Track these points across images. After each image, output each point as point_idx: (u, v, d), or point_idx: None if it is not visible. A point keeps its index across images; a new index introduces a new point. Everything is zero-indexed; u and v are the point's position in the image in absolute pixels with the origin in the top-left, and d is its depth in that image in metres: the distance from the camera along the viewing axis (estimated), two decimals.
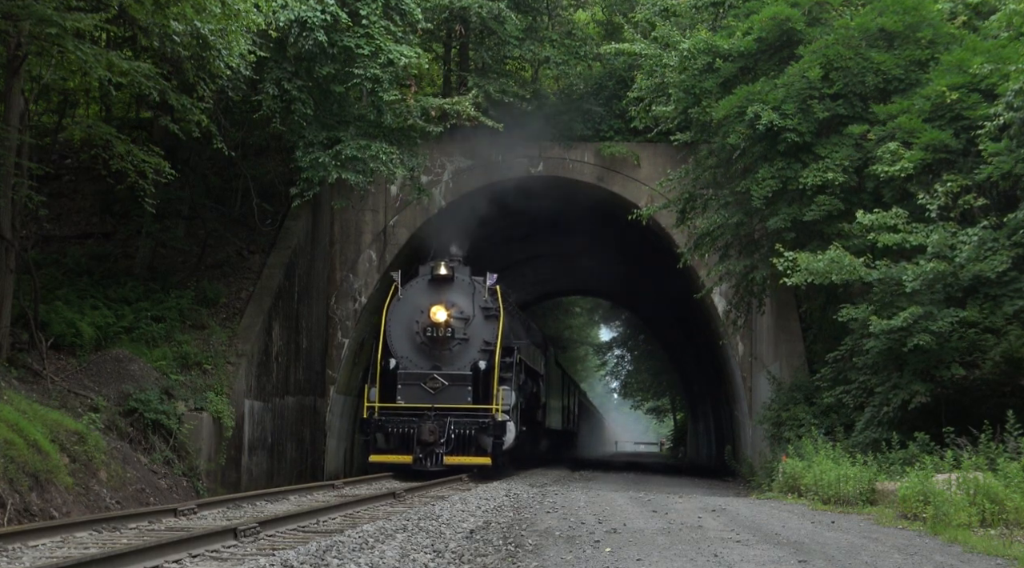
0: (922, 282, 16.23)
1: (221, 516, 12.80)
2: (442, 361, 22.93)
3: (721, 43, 21.10)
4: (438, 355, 22.96)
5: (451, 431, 21.95)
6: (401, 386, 22.66)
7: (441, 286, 23.34)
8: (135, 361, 19.20)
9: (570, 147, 27.47)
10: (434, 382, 22.54)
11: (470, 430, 22.13)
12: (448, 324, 22.79)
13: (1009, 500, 11.90)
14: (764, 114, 19.31)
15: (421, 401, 22.38)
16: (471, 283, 23.52)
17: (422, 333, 22.90)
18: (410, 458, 21.67)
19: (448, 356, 22.96)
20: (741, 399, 27.18)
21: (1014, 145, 16.19)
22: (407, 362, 22.93)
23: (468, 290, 23.41)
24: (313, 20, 20.37)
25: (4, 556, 8.65)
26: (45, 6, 15.04)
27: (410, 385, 22.63)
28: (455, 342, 22.95)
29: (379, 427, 22.22)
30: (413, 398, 22.48)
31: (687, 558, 8.58)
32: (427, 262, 24.30)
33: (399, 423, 22.11)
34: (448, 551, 8.88)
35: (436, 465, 21.60)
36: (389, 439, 22.19)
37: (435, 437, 21.74)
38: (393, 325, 23.18)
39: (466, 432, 22.10)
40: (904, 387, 16.75)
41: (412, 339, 23.06)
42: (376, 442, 22.29)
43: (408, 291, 23.44)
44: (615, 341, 69.66)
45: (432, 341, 22.90)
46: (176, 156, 20.61)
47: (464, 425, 22.12)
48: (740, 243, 22.28)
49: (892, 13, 19.70)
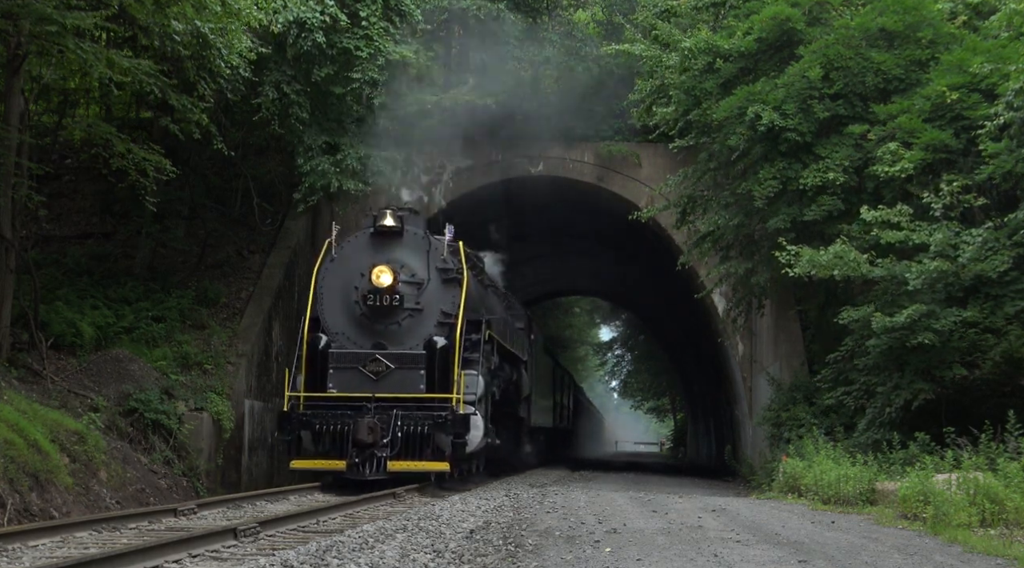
0: (924, 281, 16.23)
1: (221, 516, 12.80)
2: (387, 338, 18.25)
3: (721, 43, 21.10)
4: (382, 330, 18.26)
5: (397, 428, 17.29)
6: (333, 370, 17.97)
7: (386, 242, 18.59)
8: (135, 361, 19.21)
9: (570, 147, 27.47)
10: (376, 364, 17.93)
11: (423, 426, 17.37)
12: (395, 290, 18.05)
13: (1009, 500, 11.89)
14: (765, 114, 19.32)
15: (359, 389, 17.76)
16: (426, 238, 18.76)
17: (361, 302, 18.15)
18: (343, 463, 17.13)
19: (395, 332, 18.28)
20: (741, 399, 27.17)
21: (1014, 145, 16.19)
22: (342, 340, 18.25)
23: (421, 247, 18.63)
24: (312, 21, 20.38)
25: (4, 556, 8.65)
26: (45, 4, 15.04)
27: (344, 368, 17.97)
28: (404, 313, 18.21)
29: (304, 423, 17.58)
30: (348, 385, 17.84)
31: (687, 558, 8.58)
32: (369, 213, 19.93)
33: (330, 418, 17.51)
34: (448, 551, 8.88)
35: (377, 472, 17.03)
36: (318, 439, 17.64)
37: (376, 436, 17.15)
38: (325, 293, 18.54)
39: (418, 429, 17.37)
40: (906, 387, 16.75)
41: (349, 310, 18.35)
42: (301, 443, 17.77)
43: (344, 250, 18.78)
44: (615, 341, 69.67)
45: (374, 312, 18.16)
46: (176, 156, 20.63)
47: (415, 420, 17.40)
48: (740, 244, 22.29)
49: (892, 13, 19.70)
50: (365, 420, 17.23)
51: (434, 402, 17.79)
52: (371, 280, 18.01)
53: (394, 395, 17.69)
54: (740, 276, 22.17)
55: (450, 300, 18.40)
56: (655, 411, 78.15)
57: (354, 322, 18.32)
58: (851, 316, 17.55)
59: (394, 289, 18.04)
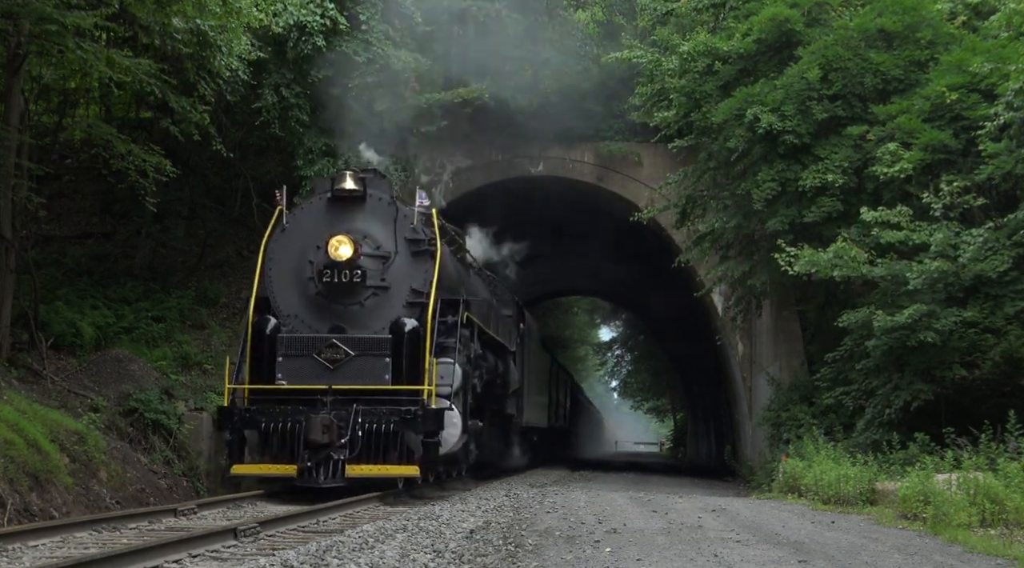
0: (924, 281, 16.24)
1: (221, 516, 12.80)
2: (347, 320, 15.71)
3: (720, 45, 21.12)
4: (341, 311, 15.72)
5: (358, 425, 14.81)
6: (282, 358, 15.41)
7: (346, 209, 16.10)
8: (135, 361, 19.21)
9: (570, 147, 27.48)
10: (333, 351, 15.34)
11: (388, 424, 14.90)
12: (355, 264, 15.50)
13: (1009, 500, 11.89)
14: (763, 117, 19.32)
15: (313, 380, 15.23)
16: (392, 204, 16.23)
17: (317, 279, 15.62)
18: (294, 468, 14.67)
19: (356, 313, 15.72)
20: (741, 399, 27.18)
21: (1014, 145, 16.19)
22: (295, 323, 15.75)
23: (387, 214, 16.11)
24: (313, 24, 20.40)
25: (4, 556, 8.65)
26: (45, 4, 15.04)
27: (296, 356, 15.43)
28: (367, 292, 15.68)
29: (248, 420, 15.12)
30: (300, 376, 15.33)
31: (687, 558, 8.58)
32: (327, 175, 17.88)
33: (278, 415, 15.01)
34: (448, 551, 8.88)
35: (333, 478, 14.56)
36: (265, 439, 15.24)
37: (332, 435, 14.65)
38: (275, 269, 16.06)
39: (382, 427, 14.89)
40: (906, 387, 16.75)
41: (303, 289, 15.87)
42: (245, 443, 15.37)
43: (297, 218, 16.37)
44: (615, 341, 69.68)
45: (332, 290, 15.61)
46: (176, 156, 20.64)
47: (379, 416, 14.93)
48: (740, 244, 22.31)
49: (891, 13, 19.71)
50: (319, 416, 14.68)
51: (401, 395, 15.20)
52: (328, 253, 15.41)
53: (354, 387, 15.15)
54: (739, 276, 22.20)
55: (421, 276, 15.82)
56: (655, 411, 78.15)
57: (308, 302, 15.77)
58: (850, 319, 17.57)
59: (355, 263, 15.43)
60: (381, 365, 15.40)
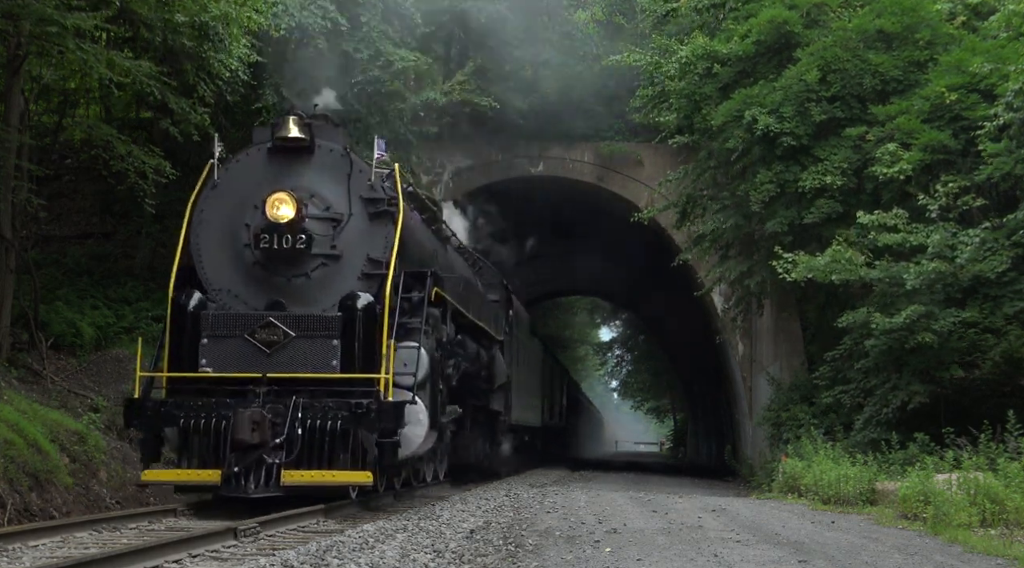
0: (922, 282, 16.25)
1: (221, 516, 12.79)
2: (290, 295, 13.00)
3: (719, 48, 21.14)
4: (283, 284, 13.01)
5: (297, 422, 12.14)
6: (208, 340, 12.68)
7: (290, 162, 13.37)
8: (135, 361, 19.19)
9: (570, 147, 27.51)
10: (269, 331, 12.61)
11: (335, 420, 12.20)
12: (299, 227, 12.77)
13: (1009, 500, 11.90)
14: (761, 118, 19.33)
15: (244, 366, 12.56)
16: (346, 157, 13.47)
17: (253, 246, 12.90)
18: (219, 474, 12.02)
19: (302, 287, 13.01)
20: (741, 399, 27.19)
21: (1014, 145, 16.19)
22: (228, 299, 13.08)
23: (339, 169, 13.41)
24: (314, 27, 20.44)
25: (4, 556, 8.66)
26: (45, 5, 15.05)
27: (224, 338, 12.68)
28: (314, 261, 13.00)
29: (163, 416, 12.46)
30: (229, 362, 12.64)
31: (687, 558, 8.59)
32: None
33: (200, 409, 12.32)
34: (448, 551, 8.89)
35: (266, 486, 11.96)
36: (187, 439, 12.54)
37: (264, 434, 12.00)
38: (204, 234, 13.37)
39: (327, 424, 12.19)
40: (903, 388, 16.77)
41: (237, 258, 13.17)
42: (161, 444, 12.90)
43: (231, 174, 13.56)
44: (615, 341, 69.72)
45: (271, 259, 12.92)
46: (176, 157, 20.63)
47: (325, 411, 12.24)
48: (740, 244, 22.33)
49: (890, 14, 19.72)
50: (249, 411, 12.00)
51: (353, 385, 12.54)
52: (266, 213, 12.65)
53: (294, 375, 12.48)
54: (738, 276, 22.23)
55: (380, 243, 13.15)
56: (655, 411, 78.17)
57: (245, 274, 13.12)
58: (850, 319, 17.58)
59: (298, 225, 12.71)
60: (328, 349, 12.61)
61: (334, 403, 12.35)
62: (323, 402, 12.36)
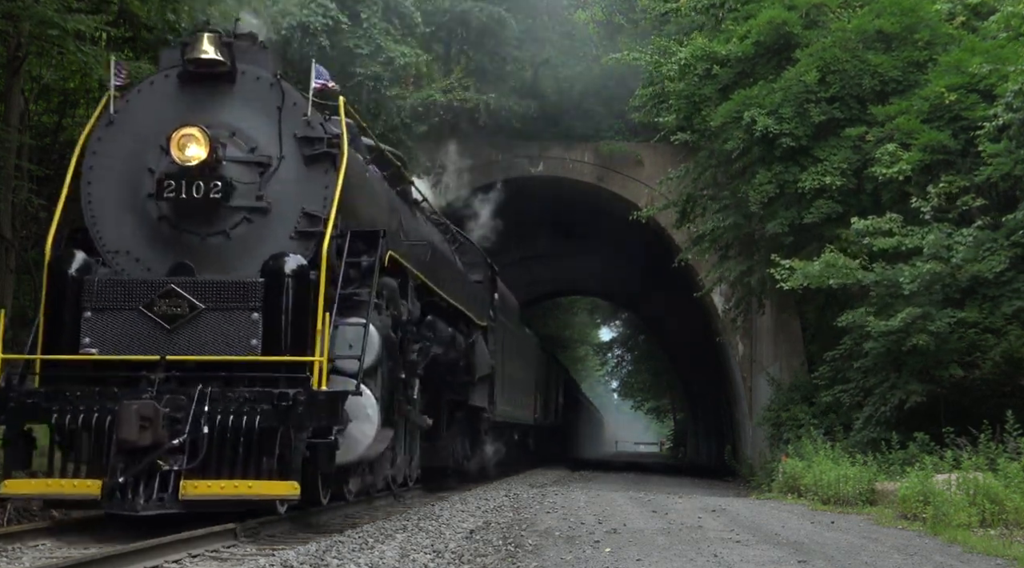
0: (920, 284, 16.25)
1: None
2: (202, 258, 10.36)
3: (719, 49, 21.15)
4: (196, 245, 10.40)
5: (203, 419, 9.55)
6: (92, 313, 10.13)
7: (206, 91, 10.77)
8: None
9: (570, 147, 27.54)
10: (171, 302, 10.09)
11: (253, 415, 9.62)
12: (214, 172, 10.23)
13: (1009, 500, 11.91)
14: (760, 119, 19.33)
15: (137, 347, 10.05)
16: (276, 87, 10.83)
17: (157, 195, 10.29)
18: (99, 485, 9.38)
19: (220, 248, 10.42)
20: (741, 399, 27.20)
21: (1013, 146, 16.20)
22: (125, 261, 10.50)
23: (268, 101, 10.78)
24: (316, 25, 20.47)
25: (4, 556, 8.66)
26: (46, 7, 15.05)
27: (113, 310, 10.13)
28: (235, 216, 10.41)
29: (31, 409, 9.81)
30: (119, 340, 10.09)
31: (687, 558, 8.59)
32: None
33: (79, 401, 9.73)
34: (448, 551, 8.89)
35: (160, 501, 9.36)
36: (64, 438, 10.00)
37: (158, 434, 9.38)
38: (97, 182, 10.74)
39: (244, 420, 9.61)
40: (901, 387, 16.79)
41: (138, 212, 10.54)
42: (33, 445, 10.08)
43: (132, 106, 10.89)
44: (615, 341, 69.74)
45: (180, 212, 10.33)
46: None
47: (239, 404, 9.68)
48: (740, 244, 22.34)
49: (890, 15, 19.72)
50: (137, 404, 9.34)
51: (278, 370, 9.93)
52: (172, 155, 10.05)
53: (203, 358, 9.89)
54: (738, 276, 22.25)
55: (319, 193, 10.50)
56: (655, 411, 78.21)
57: (148, 233, 10.45)
58: (849, 319, 17.59)
59: (213, 170, 10.11)
60: (246, 324, 9.98)
61: (253, 394, 9.69)
62: (239, 393, 9.71)
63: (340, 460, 10.32)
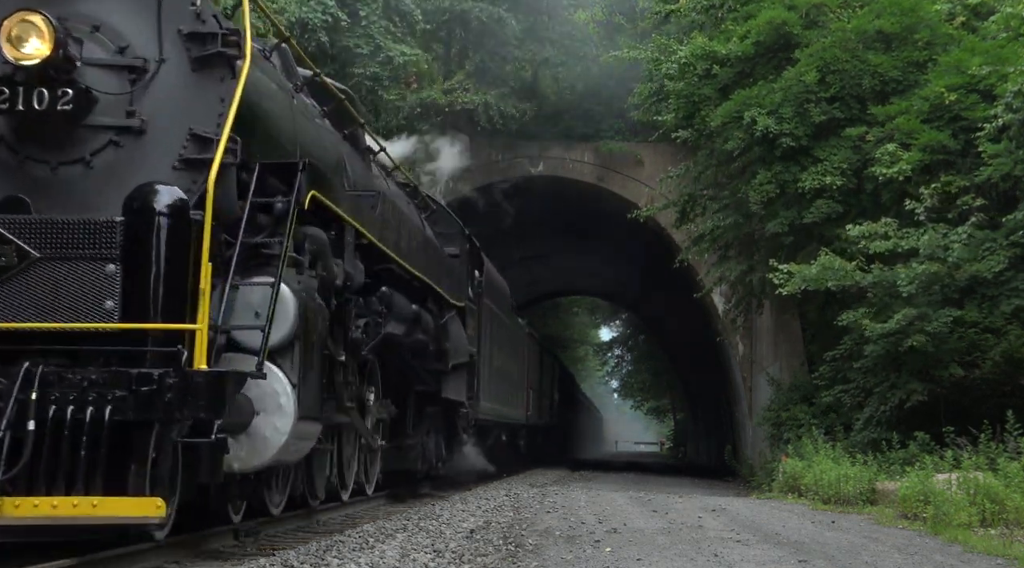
0: (917, 284, 16.25)
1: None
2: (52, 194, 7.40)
3: (719, 48, 21.15)
4: (42, 177, 7.43)
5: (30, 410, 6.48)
6: None
7: None
8: None
9: (570, 147, 27.55)
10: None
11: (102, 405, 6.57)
12: (64, 75, 7.21)
13: (1009, 500, 11.91)
14: (760, 119, 19.34)
15: None
16: None
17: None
18: None
19: (74, 180, 7.44)
20: (741, 399, 27.20)
21: (1013, 146, 16.20)
22: None
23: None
24: (315, 21, 20.47)
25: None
26: None
27: None
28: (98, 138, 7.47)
29: None
30: None
31: (687, 558, 8.59)
32: None
33: None
34: (448, 551, 8.89)
35: None
36: None
37: None
38: None
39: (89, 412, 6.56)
40: (901, 386, 16.79)
41: None
42: None
43: None
44: (615, 341, 69.77)
45: (20, 131, 7.36)
46: None
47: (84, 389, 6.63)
48: (740, 243, 22.35)
49: (890, 15, 19.72)
50: None
51: (144, 343, 7.04)
52: (3, 50, 7.14)
53: (32, 326, 6.99)
54: (738, 276, 22.25)
55: (214, 108, 7.70)
56: (655, 411, 78.23)
57: None
58: (849, 318, 17.60)
59: (61, 72, 7.25)
60: (98, 280, 7.12)
61: (103, 376, 6.78)
62: (84, 374, 6.80)
63: (247, 465, 7.84)
